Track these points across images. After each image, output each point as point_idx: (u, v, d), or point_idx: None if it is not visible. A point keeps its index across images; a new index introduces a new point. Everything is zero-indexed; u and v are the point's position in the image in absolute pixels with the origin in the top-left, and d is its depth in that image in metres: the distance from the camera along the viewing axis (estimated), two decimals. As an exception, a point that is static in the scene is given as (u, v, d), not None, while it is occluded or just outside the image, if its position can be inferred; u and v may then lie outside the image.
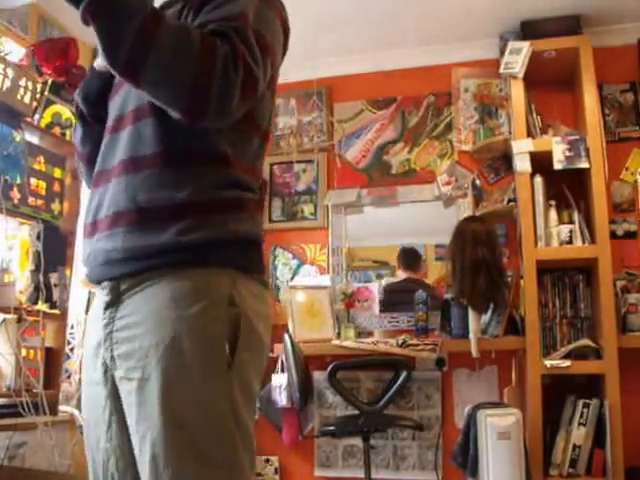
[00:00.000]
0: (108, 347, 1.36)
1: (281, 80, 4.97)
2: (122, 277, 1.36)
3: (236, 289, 1.34)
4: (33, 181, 3.33)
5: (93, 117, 1.57)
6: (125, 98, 1.43)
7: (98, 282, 1.43)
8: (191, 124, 1.27)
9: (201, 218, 1.32)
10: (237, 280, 1.35)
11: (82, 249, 1.49)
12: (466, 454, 3.29)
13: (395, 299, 4.16)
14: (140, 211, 1.33)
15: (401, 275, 4.32)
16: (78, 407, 3.38)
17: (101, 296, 1.41)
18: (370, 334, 4.06)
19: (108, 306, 1.38)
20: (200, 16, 1.35)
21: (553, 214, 3.65)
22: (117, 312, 1.36)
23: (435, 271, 4.22)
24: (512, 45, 3.85)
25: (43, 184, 3.39)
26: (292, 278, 4.32)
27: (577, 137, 3.65)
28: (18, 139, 3.18)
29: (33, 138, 3.36)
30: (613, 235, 3.75)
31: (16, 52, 3.33)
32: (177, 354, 1.27)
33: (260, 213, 1.50)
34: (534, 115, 3.83)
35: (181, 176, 1.33)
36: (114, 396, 1.38)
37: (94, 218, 1.43)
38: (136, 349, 1.31)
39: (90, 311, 1.53)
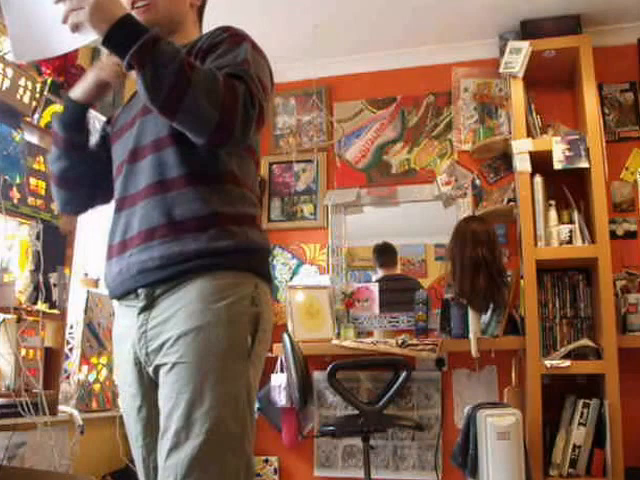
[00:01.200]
0: (143, 345, 1.55)
1: (281, 80, 4.96)
2: (156, 283, 1.54)
3: (256, 292, 1.56)
4: (32, 181, 3.32)
5: (66, 142, 1.79)
6: (139, 135, 1.64)
7: (128, 293, 1.60)
8: (213, 148, 1.53)
9: (225, 228, 1.53)
10: (257, 284, 1.57)
11: (106, 269, 1.67)
12: (466, 454, 3.28)
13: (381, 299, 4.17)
14: (173, 224, 1.53)
15: (379, 273, 4.33)
16: (77, 407, 3.39)
17: (134, 304, 1.58)
18: (370, 334, 4.06)
19: (142, 310, 1.56)
20: (207, 63, 1.57)
21: (553, 214, 3.65)
22: (150, 314, 1.54)
23: (435, 271, 4.22)
24: (512, 45, 3.84)
25: (42, 184, 3.38)
26: (291, 278, 4.32)
27: (577, 137, 3.65)
28: (17, 139, 3.17)
29: (32, 138, 3.35)
30: (613, 235, 3.75)
31: (15, 52, 3.31)
32: (205, 341, 1.46)
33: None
34: (534, 115, 3.82)
35: (204, 193, 1.54)
36: (149, 394, 1.58)
37: (123, 237, 1.61)
38: (167, 339, 1.49)
39: (115, 329, 1.71)
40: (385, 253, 4.35)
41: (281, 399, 3.86)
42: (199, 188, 1.54)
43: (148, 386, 1.58)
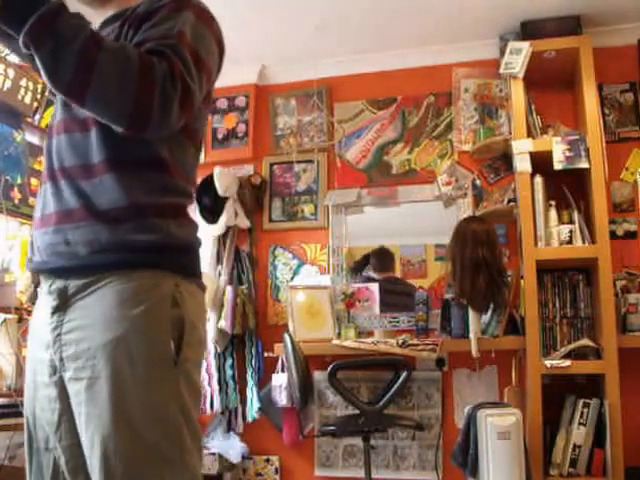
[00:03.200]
0: (57, 349, 1.39)
1: (281, 80, 4.97)
2: (68, 272, 1.40)
3: (178, 291, 1.42)
4: (34, 181, 3.33)
5: None
6: (68, 105, 1.45)
7: (43, 272, 1.47)
8: (133, 136, 1.34)
9: (145, 221, 1.40)
10: (179, 283, 1.43)
11: (32, 240, 1.52)
12: (466, 454, 3.28)
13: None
14: (90, 211, 1.39)
15: (377, 277, 4.33)
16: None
17: (48, 300, 1.43)
18: (370, 334, 4.06)
19: (56, 310, 1.41)
20: (139, 33, 1.40)
21: (553, 214, 3.64)
22: (65, 315, 1.40)
23: (435, 271, 4.21)
24: (512, 45, 3.84)
25: (44, 184, 3.38)
26: (292, 278, 4.32)
27: (577, 137, 3.64)
28: (19, 139, 3.18)
29: (33, 138, 3.37)
30: (613, 235, 3.75)
31: (17, 52, 3.32)
32: (125, 353, 1.33)
33: (194, 219, 1.57)
34: (534, 115, 3.82)
35: (126, 181, 1.39)
36: (63, 397, 1.41)
37: (42, 212, 1.47)
38: (85, 349, 1.35)
39: (35, 312, 1.54)
40: (384, 258, 4.35)
41: (282, 399, 3.86)
42: (120, 175, 1.39)
43: (61, 390, 1.41)
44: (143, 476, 1.32)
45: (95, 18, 1.55)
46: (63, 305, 1.40)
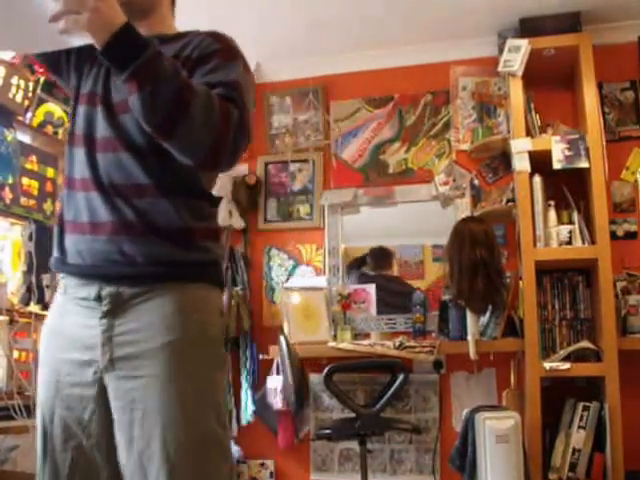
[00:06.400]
0: (107, 351, 1.50)
1: (277, 78, 4.93)
2: (122, 280, 1.51)
3: (221, 302, 1.66)
4: (25, 181, 3.31)
5: None
6: (118, 128, 1.56)
7: (88, 276, 1.55)
8: (200, 170, 1.57)
9: (196, 242, 1.57)
10: (220, 295, 1.66)
11: (68, 242, 1.59)
12: (464, 458, 3.26)
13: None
14: (146, 227, 1.52)
15: (372, 274, 4.33)
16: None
17: (92, 304, 1.53)
18: (367, 336, 4.03)
19: (107, 314, 1.51)
20: (197, 75, 1.54)
21: (552, 214, 3.62)
22: (116, 319, 1.51)
23: (432, 272, 4.19)
24: (511, 43, 3.81)
25: (35, 184, 3.36)
26: (287, 279, 4.28)
27: (577, 136, 3.62)
28: (10, 138, 3.15)
29: (25, 137, 3.34)
30: (613, 235, 3.72)
31: (7, 50, 3.30)
32: (185, 355, 1.49)
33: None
34: (533, 114, 3.80)
35: (178, 207, 1.55)
36: (98, 396, 1.52)
37: (90, 220, 1.55)
38: (142, 350, 1.48)
39: (60, 314, 1.61)
40: (382, 257, 4.32)
41: (277, 402, 3.83)
42: (173, 201, 1.54)
43: (100, 389, 1.51)
44: (203, 463, 1.47)
45: None
46: (115, 309, 1.51)
